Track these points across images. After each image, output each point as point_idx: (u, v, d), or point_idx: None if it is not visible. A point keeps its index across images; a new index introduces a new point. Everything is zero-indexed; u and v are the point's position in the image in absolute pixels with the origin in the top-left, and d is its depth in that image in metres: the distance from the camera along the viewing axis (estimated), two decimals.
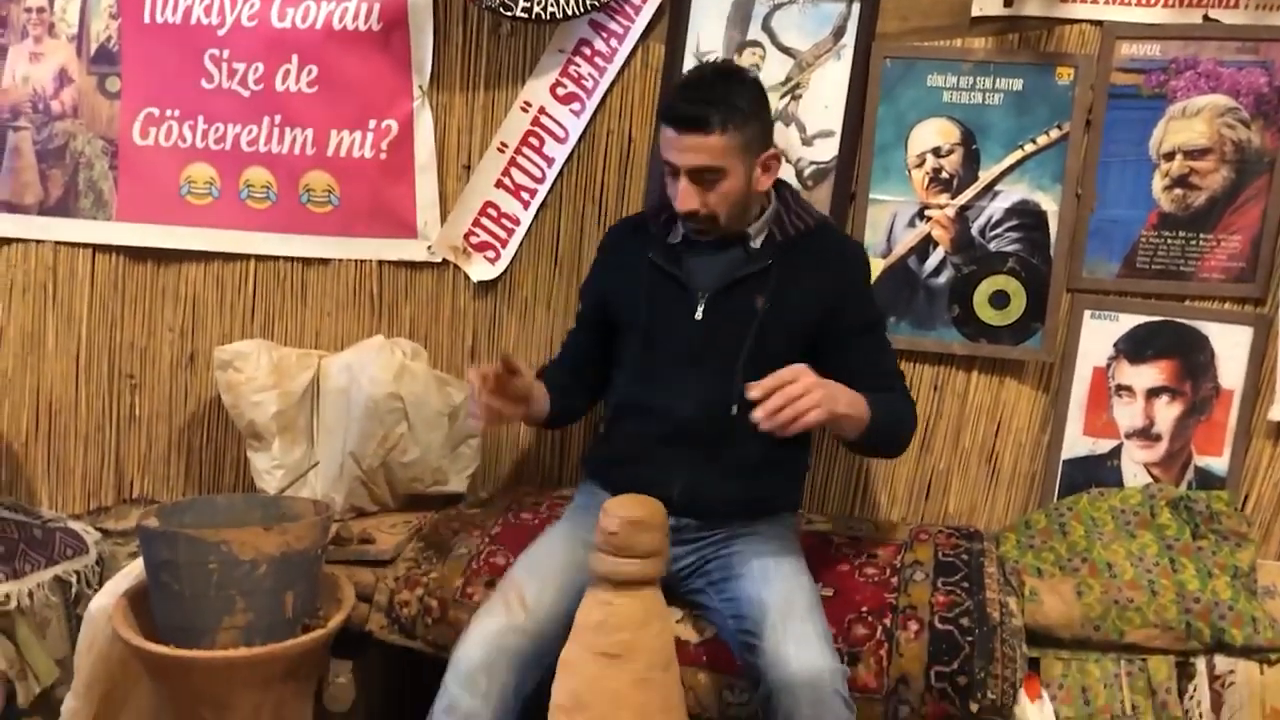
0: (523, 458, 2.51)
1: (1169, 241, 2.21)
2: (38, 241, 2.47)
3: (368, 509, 2.27)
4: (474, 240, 2.44)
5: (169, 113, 2.44)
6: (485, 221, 2.44)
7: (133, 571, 1.98)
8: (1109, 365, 2.26)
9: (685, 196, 1.84)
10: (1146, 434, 2.26)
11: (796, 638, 1.65)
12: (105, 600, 1.92)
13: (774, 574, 1.78)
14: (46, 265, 2.47)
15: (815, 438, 2.27)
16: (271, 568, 1.77)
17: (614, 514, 1.61)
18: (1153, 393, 2.25)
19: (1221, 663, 1.96)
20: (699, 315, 1.90)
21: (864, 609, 1.92)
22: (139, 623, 1.82)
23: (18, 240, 2.47)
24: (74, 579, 2.30)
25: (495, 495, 2.38)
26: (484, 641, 1.70)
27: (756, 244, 1.92)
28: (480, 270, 2.45)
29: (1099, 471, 2.27)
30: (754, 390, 1.64)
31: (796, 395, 1.63)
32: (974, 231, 2.26)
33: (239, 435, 2.32)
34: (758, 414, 1.63)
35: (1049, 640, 2.03)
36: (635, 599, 1.59)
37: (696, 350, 1.91)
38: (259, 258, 2.47)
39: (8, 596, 2.14)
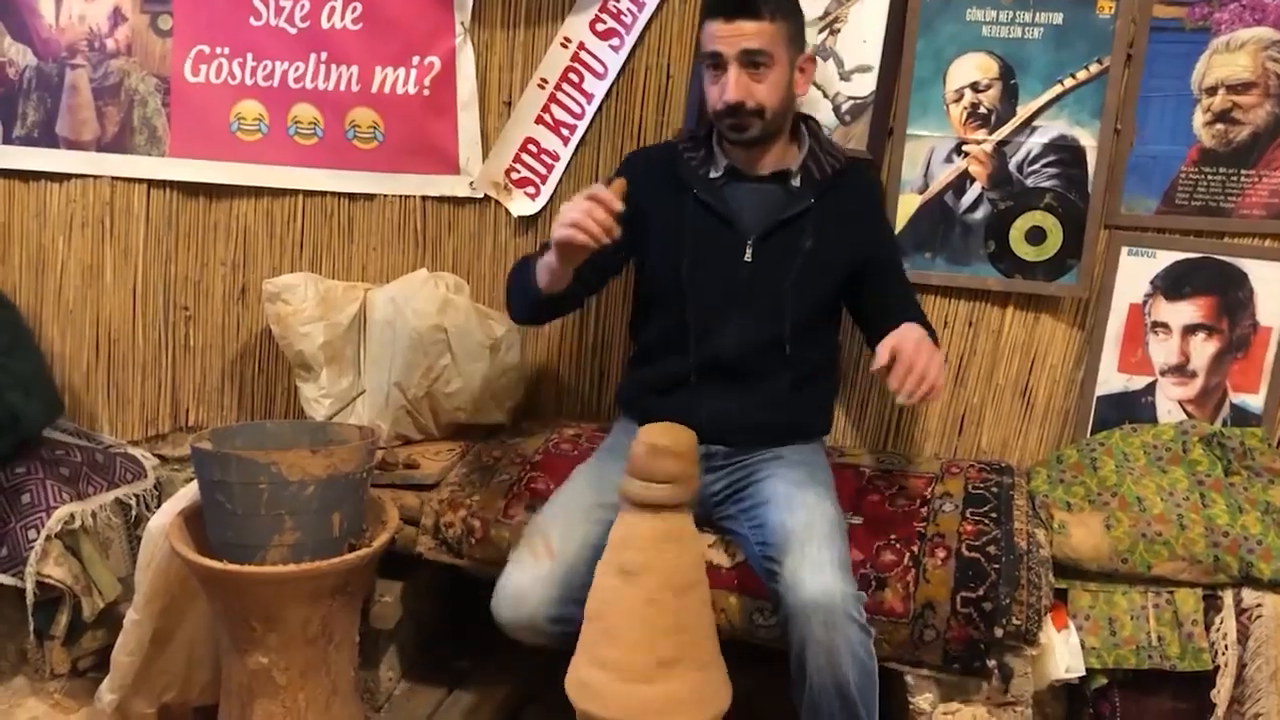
0: (562, 391, 2.56)
1: (1209, 177, 2.19)
2: (95, 177, 2.54)
3: (413, 437, 2.35)
4: (515, 176, 2.48)
5: (219, 50, 2.49)
6: (525, 158, 2.47)
7: (188, 493, 2.06)
8: (1145, 302, 2.26)
9: (735, 85, 1.86)
10: (1182, 371, 2.26)
11: (813, 563, 1.70)
12: (163, 519, 2.01)
13: (798, 501, 1.83)
14: (104, 200, 2.55)
15: (845, 367, 2.30)
16: (319, 489, 1.85)
17: (642, 440, 1.65)
18: (1189, 330, 2.25)
19: (1249, 596, 1.99)
20: (748, 257, 1.94)
21: (892, 536, 1.96)
22: (194, 540, 1.91)
23: (77, 176, 2.54)
24: (134, 501, 2.41)
25: (536, 427, 2.44)
26: (515, 600, 1.78)
27: (796, 182, 1.95)
28: (521, 206, 2.49)
29: (1133, 408, 2.29)
30: (878, 364, 1.73)
31: (924, 369, 1.72)
32: (1011, 167, 2.26)
33: (288, 366, 2.39)
34: (901, 399, 1.72)
35: (1076, 572, 2.06)
36: (657, 521, 1.64)
37: (743, 290, 1.94)
38: (307, 193, 2.53)
39: (73, 516, 2.25)
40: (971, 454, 2.38)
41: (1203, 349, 2.24)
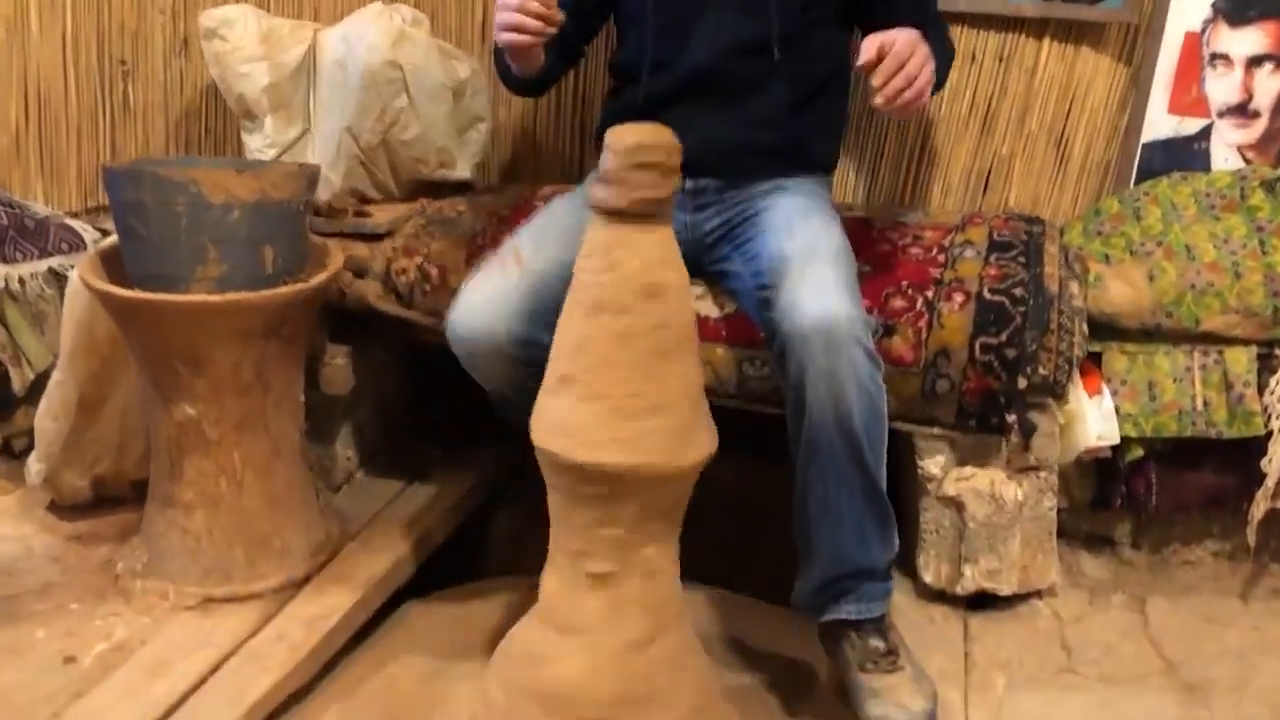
0: (539, 150, 2.30)
1: None
2: None
3: (370, 195, 2.10)
4: None
5: None
6: None
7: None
8: (1204, 29, 1.97)
9: None
10: (1243, 111, 1.98)
11: (813, 283, 1.46)
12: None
13: (800, 227, 1.58)
14: None
15: (854, 94, 2.02)
16: (246, 215, 1.61)
17: (614, 139, 1.39)
18: (1254, 61, 1.96)
19: None
20: None
21: (904, 283, 1.72)
22: (112, 281, 1.69)
23: None
24: (70, 273, 2.19)
25: (508, 185, 2.19)
26: (479, 309, 1.56)
27: None
28: None
29: (1183, 156, 2.01)
30: (866, 59, 1.43)
31: (915, 73, 1.43)
32: None
33: (238, 126, 2.15)
34: (878, 100, 1.43)
35: (1113, 332, 1.83)
36: (634, 233, 1.39)
37: None
38: None
39: None
40: (999, 211, 2.11)
41: (1269, 84, 1.95)
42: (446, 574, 1.96)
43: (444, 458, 2.16)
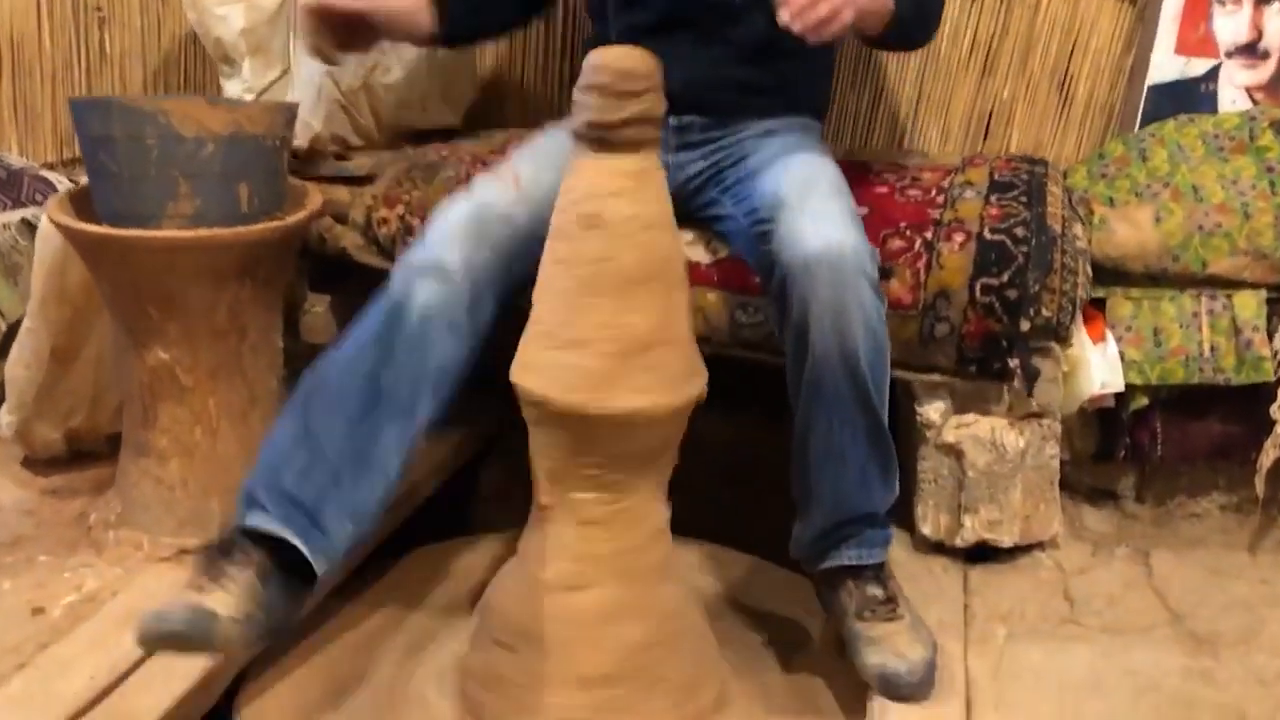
0: (526, 97, 2.24)
1: None
2: None
3: (352, 141, 2.04)
4: None
5: None
6: None
7: None
8: None
9: None
10: (1252, 51, 1.92)
11: (815, 214, 1.40)
12: None
13: (794, 161, 1.52)
14: None
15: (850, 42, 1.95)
16: (220, 149, 1.55)
17: (592, 64, 1.32)
18: None
19: None
20: None
21: (902, 224, 1.66)
22: (83, 221, 1.63)
23: None
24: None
25: (494, 132, 2.13)
26: (469, 209, 1.47)
27: None
28: None
29: (1190, 98, 1.94)
30: None
31: None
32: None
33: (217, 74, 2.09)
34: (784, 15, 1.34)
35: (1118, 277, 1.77)
36: (619, 161, 1.33)
37: None
38: None
39: None
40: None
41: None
42: (433, 532, 1.92)
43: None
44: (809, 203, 1.41)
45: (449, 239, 1.43)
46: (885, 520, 1.50)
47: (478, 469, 2.16)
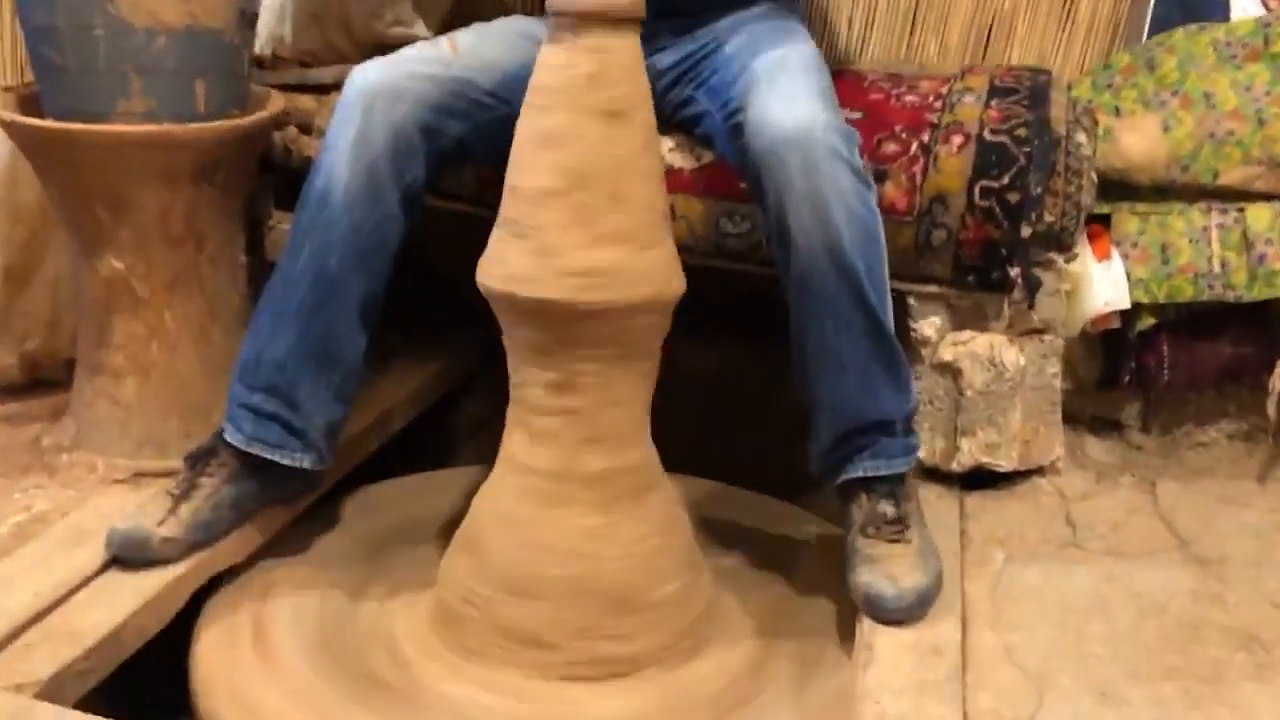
0: (503, 7, 2.13)
1: None
2: None
3: (322, 57, 1.95)
4: None
5: None
6: None
7: None
8: None
9: None
10: None
11: (783, 93, 1.31)
12: None
13: (765, 43, 1.44)
14: None
15: None
16: (173, 43, 1.46)
17: None
18: None
19: None
20: None
21: (897, 127, 1.57)
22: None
23: None
24: None
25: None
26: (395, 62, 1.41)
27: None
28: None
29: (1200, 6, 1.84)
30: None
31: None
32: None
33: None
34: None
35: (1124, 191, 1.69)
36: (630, 45, 1.24)
37: None
38: None
39: None
40: None
41: None
42: (411, 466, 1.85)
43: (405, 343, 2.02)
44: (778, 82, 1.33)
45: (364, 101, 1.37)
46: (905, 429, 1.39)
47: (454, 406, 2.09)
